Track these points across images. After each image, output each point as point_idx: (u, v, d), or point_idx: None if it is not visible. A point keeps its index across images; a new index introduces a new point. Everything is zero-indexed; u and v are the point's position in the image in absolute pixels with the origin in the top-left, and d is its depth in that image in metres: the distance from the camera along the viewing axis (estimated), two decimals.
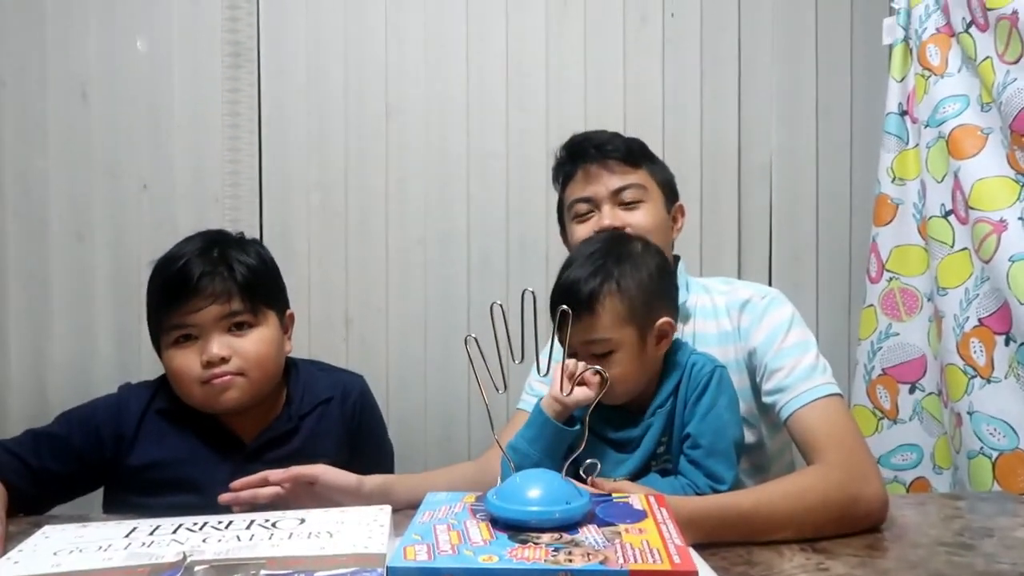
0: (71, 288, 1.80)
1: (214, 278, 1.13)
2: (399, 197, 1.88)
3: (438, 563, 0.56)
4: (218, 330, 1.13)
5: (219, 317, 1.13)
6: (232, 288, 1.14)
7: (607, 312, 1.01)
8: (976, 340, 1.49)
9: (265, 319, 1.18)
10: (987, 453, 1.43)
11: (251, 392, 1.16)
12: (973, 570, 0.84)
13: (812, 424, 1.05)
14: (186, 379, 1.14)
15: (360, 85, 1.87)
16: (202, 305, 1.12)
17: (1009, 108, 1.44)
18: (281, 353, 1.21)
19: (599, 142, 1.27)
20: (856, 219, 2.00)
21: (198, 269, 1.13)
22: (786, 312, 1.18)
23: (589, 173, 1.27)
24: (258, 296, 1.17)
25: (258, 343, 1.16)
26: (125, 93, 1.81)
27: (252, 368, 1.15)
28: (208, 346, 1.12)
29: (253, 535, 0.81)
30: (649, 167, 1.29)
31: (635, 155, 1.27)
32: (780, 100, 1.99)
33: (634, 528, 0.63)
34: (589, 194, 1.26)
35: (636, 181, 1.25)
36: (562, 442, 1.01)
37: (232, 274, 1.14)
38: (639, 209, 1.24)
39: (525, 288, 0.68)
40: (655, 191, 1.28)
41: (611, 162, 1.25)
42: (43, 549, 0.78)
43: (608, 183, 1.25)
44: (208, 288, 1.12)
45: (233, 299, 1.14)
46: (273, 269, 1.24)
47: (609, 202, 1.25)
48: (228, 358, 1.13)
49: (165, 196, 1.82)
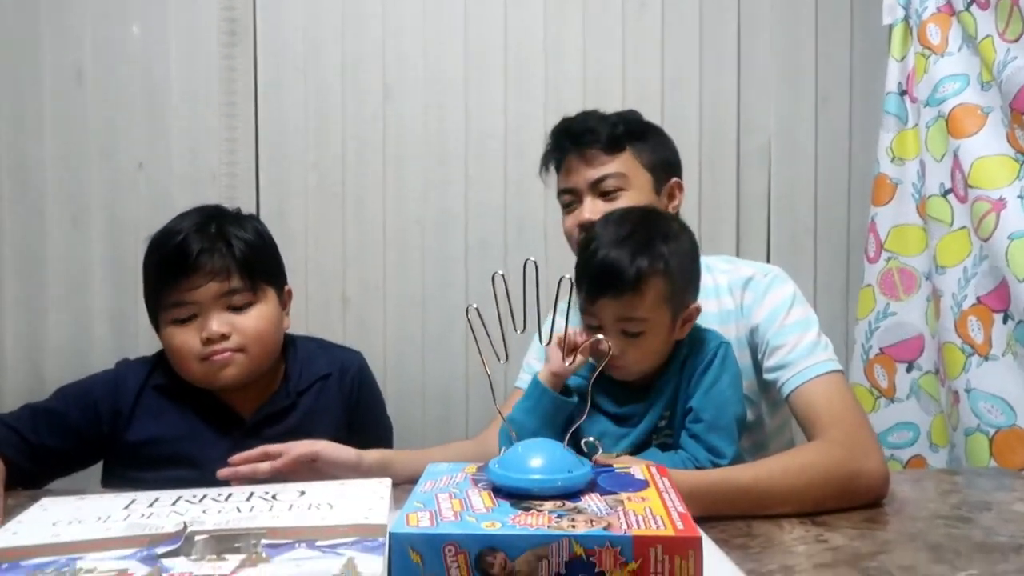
0: (67, 270, 1.79)
1: (213, 255, 1.12)
2: (397, 177, 1.87)
3: (441, 529, 0.56)
4: (217, 307, 1.13)
5: (218, 295, 1.12)
6: (231, 265, 1.13)
7: (651, 292, 1.00)
8: (974, 318, 1.49)
9: (264, 295, 1.18)
10: (984, 430, 1.44)
11: (250, 368, 1.15)
12: (971, 542, 0.84)
13: (813, 400, 1.06)
14: (185, 356, 1.13)
15: (357, 65, 1.85)
16: (201, 283, 1.11)
17: (1009, 86, 1.43)
18: (280, 329, 1.21)
19: (576, 132, 1.26)
20: (854, 199, 1.99)
21: (196, 246, 1.12)
22: (788, 290, 1.18)
23: (569, 165, 1.27)
24: (257, 273, 1.16)
25: (257, 320, 1.15)
26: (120, 74, 1.80)
27: (252, 344, 1.14)
28: (208, 323, 1.12)
29: (253, 507, 0.81)
30: (636, 148, 1.26)
31: (618, 140, 1.24)
32: (779, 80, 1.98)
33: (636, 496, 0.63)
34: (570, 185, 1.27)
35: (614, 170, 1.23)
36: (559, 413, 1.01)
37: (231, 250, 1.14)
38: (619, 199, 1.23)
39: (527, 258, 0.67)
40: (639, 175, 1.25)
41: (589, 153, 1.24)
42: (41, 520, 0.78)
43: (586, 175, 1.24)
44: (207, 265, 1.12)
45: (232, 276, 1.13)
46: (271, 245, 1.23)
47: (589, 193, 1.24)
48: (228, 335, 1.12)
49: (161, 177, 1.81)
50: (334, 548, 0.67)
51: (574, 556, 0.54)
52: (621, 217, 1.09)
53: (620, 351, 1.00)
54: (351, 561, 0.64)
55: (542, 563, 0.54)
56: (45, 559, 0.67)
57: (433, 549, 0.55)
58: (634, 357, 1.02)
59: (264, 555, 0.66)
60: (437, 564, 0.55)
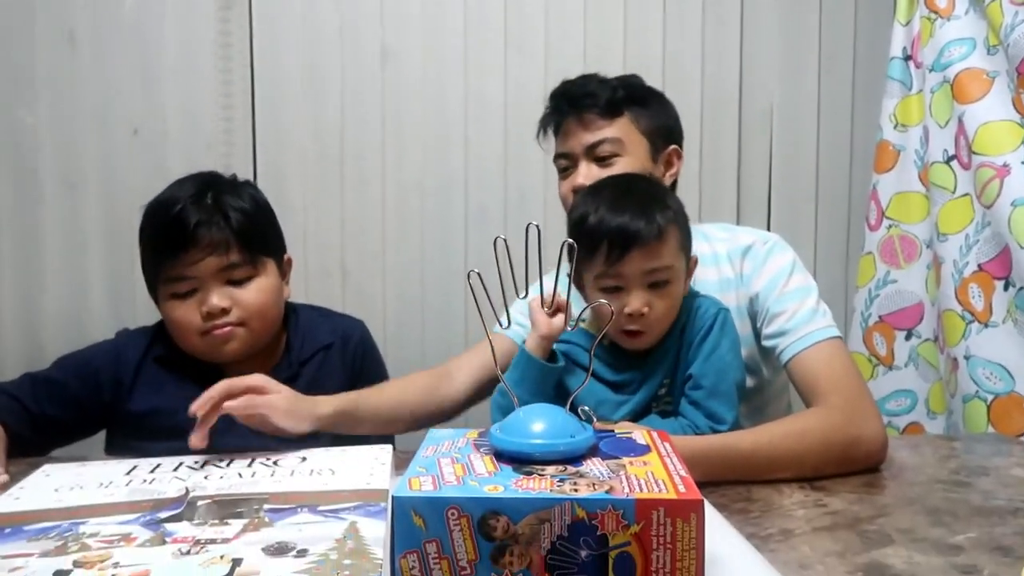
0: (63, 237, 1.78)
1: (211, 227, 1.10)
2: (395, 143, 1.85)
3: (444, 492, 0.56)
4: (217, 281, 1.12)
5: (217, 269, 1.11)
6: (229, 238, 1.11)
7: (672, 238, 1.01)
8: (975, 285, 1.49)
9: (264, 267, 1.16)
10: (983, 397, 1.44)
11: (252, 342, 1.15)
12: (970, 506, 0.85)
13: (813, 367, 1.06)
14: (186, 331, 1.13)
15: (355, 27, 1.83)
16: (199, 257, 1.10)
17: (1016, 50, 1.41)
18: (281, 300, 1.20)
19: (575, 95, 1.24)
20: (856, 166, 1.98)
21: (194, 218, 1.10)
22: (787, 257, 1.18)
23: (567, 127, 1.25)
24: (255, 244, 1.15)
25: (258, 293, 1.14)
26: (114, 37, 1.77)
27: (253, 318, 1.14)
28: (208, 298, 1.11)
29: (255, 472, 0.82)
30: (634, 114, 1.24)
31: (616, 104, 1.23)
32: (782, 46, 1.95)
33: (638, 461, 0.63)
34: (566, 150, 1.26)
35: (611, 135, 1.22)
36: (547, 380, 1.01)
37: (228, 223, 1.12)
38: (614, 164, 1.22)
39: (529, 222, 0.66)
40: (636, 141, 1.24)
41: (586, 117, 1.23)
42: (44, 486, 0.78)
43: (582, 139, 1.23)
44: (205, 238, 1.10)
45: (231, 250, 1.12)
46: (268, 212, 1.21)
47: (584, 158, 1.23)
48: (229, 309, 1.12)
49: (157, 142, 1.79)
50: (336, 513, 0.68)
51: (576, 519, 0.54)
52: (613, 182, 1.08)
53: (648, 306, 1.00)
54: (353, 525, 0.65)
55: (545, 526, 0.54)
56: (48, 524, 0.67)
57: (436, 512, 0.55)
58: (662, 309, 1.01)
59: (267, 519, 0.67)
60: (440, 527, 0.55)
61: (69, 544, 0.63)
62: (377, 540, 0.61)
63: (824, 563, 0.70)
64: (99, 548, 0.62)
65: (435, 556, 0.55)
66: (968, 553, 0.72)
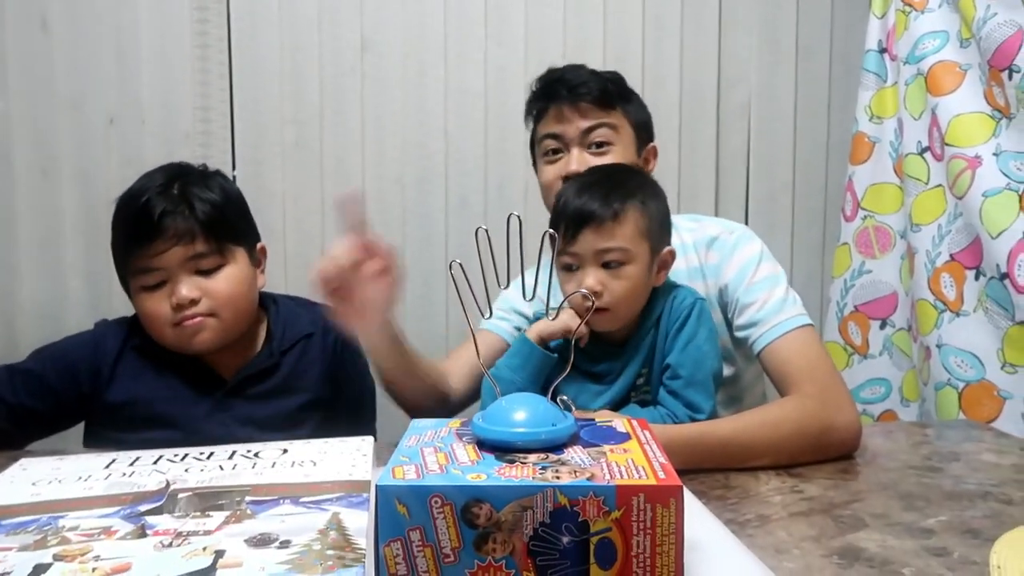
0: (38, 225, 1.75)
1: (175, 218, 1.09)
2: (376, 134, 1.85)
3: (427, 481, 0.56)
4: (184, 271, 1.11)
5: (184, 259, 1.10)
6: (195, 228, 1.10)
7: (631, 222, 1.02)
8: (947, 275, 1.51)
9: (233, 256, 1.15)
10: (954, 384, 1.47)
11: (224, 332, 1.14)
12: (941, 490, 0.87)
13: (786, 356, 1.07)
14: (158, 323, 1.12)
15: (334, 16, 1.81)
16: (165, 247, 1.09)
17: (988, 43, 1.44)
18: (253, 289, 1.19)
19: (572, 84, 1.24)
20: (832, 158, 2.00)
21: (159, 208, 1.08)
22: (755, 247, 1.19)
23: (561, 112, 1.24)
24: (223, 234, 1.13)
25: (227, 282, 1.13)
26: (88, 22, 1.74)
27: (223, 308, 1.13)
28: (176, 288, 1.10)
29: (236, 464, 0.81)
30: (624, 107, 1.26)
31: (610, 96, 1.24)
32: (760, 38, 1.97)
33: (619, 448, 0.64)
34: (558, 131, 1.24)
35: (608, 121, 1.23)
36: (545, 368, 1.03)
37: (193, 213, 1.10)
38: (608, 153, 1.22)
39: (511, 213, 0.66)
40: (627, 133, 1.25)
41: (583, 105, 1.23)
42: (21, 480, 0.77)
43: (578, 123, 1.23)
44: (170, 229, 1.08)
45: (197, 240, 1.10)
46: (238, 202, 1.20)
47: (578, 145, 1.23)
48: (198, 300, 1.10)
49: (133, 131, 1.76)
50: (319, 504, 0.68)
51: (558, 506, 0.55)
52: (595, 170, 1.12)
53: (602, 286, 1.00)
54: (336, 516, 0.65)
55: (527, 513, 0.55)
56: (27, 518, 0.66)
57: (419, 501, 0.55)
58: (618, 290, 1.01)
59: (249, 511, 0.66)
60: (423, 515, 0.55)
61: (48, 538, 0.63)
62: (360, 530, 0.61)
63: (800, 547, 0.72)
64: (79, 542, 0.62)
65: (419, 544, 0.55)
66: (939, 536, 0.74)
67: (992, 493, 0.85)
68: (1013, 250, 1.37)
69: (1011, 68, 1.38)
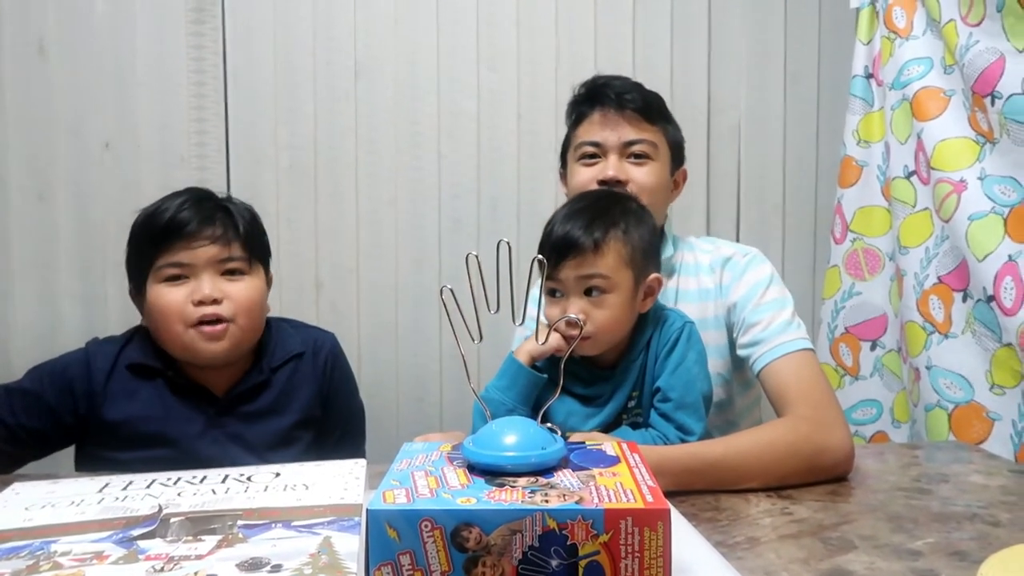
0: (33, 250, 1.76)
1: (214, 222, 1.14)
2: (369, 157, 1.86)
3: (417, 505, 0.57)
4: (211, 271, 1.13)
5: (216, 259, 1.13)
6: (232, 234, 1.15)
7: (612, 252, 1.02)
8: (935, 297, 1.53)
9: (256, 271, 1.19)
10: (944, 406, 1.48)
11: (238, 343, 1.15)
12: (929, 512, 0.87)
13: (783, 377, 1.08)
14: (172, 317, 1.12)
15: (328, 42, 1.84)
16: (202, 243, 1.12)
17: (971, 70, 1.46)
18: (266, 306, 1.22)
19: (620, 90, 1.24)
20: (822, 181, 2.03)
21: (200, 213, 1.13)
22: (766, 270, 1.21)
23: (606, 118, 1.24)
24: (254, 245, 1.18)
25: (249, 290, 1.16)
26: (85, 48, 1.76)
27: (241, 314, 1.14)
28: (200, 286, 1.12)
29: (228, 488, 0.81)
30: (663, 126, 1.27)
31: (652, 111, 1.25)
32: (749, 63, 2.00)
33: (608, 472, 0.64)
34: (600, 139, 1.24)
35: (649, 137, 1.24)
36: (534, 390, 1.04)
37: (232, 220, 1.16)
38: (645, 166, 1.23)
39: (500, 239, 0.68)
40: (664, 151, 1.26)
41: (628, 112, 1.23)
42: (13, 505, 0.77)
43: (622, 133, 1.23)
44: (208, 230, 1.13)
45: (233, 244, 1.15)
46: (263, 228, 1.24)
47: (617, 152, 1.23)
48: (220, 300, 1.12)
49: (129, 156, 1.78)
50: (310, 528, 0.68)
51: (547, 529, 0.56)
52: (582, 196, 1.14)
53: (585, 314, 1.01)
54: (328, 540, 0.65)
55: (516, 536, 0.56)
56: (19, 543, 0.67)
57: (410, 525, 0.56)
58: (600, 318, 1.02)
59: (241, 535, 0.67)
60: (414, 539, 0.56)
61: (41, 563, 0.63)
62: (351, 554, 0.62)
63: (788, 569, 0.72)
64: (71, 566, 0.62)
65: (409, 568, 0.56)
66: (927, 558, 0.74)
67: (980, 515, 0.86)
68: (999, 273, 1.39)
69: (993, 94, 1.41)
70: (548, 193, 1.85)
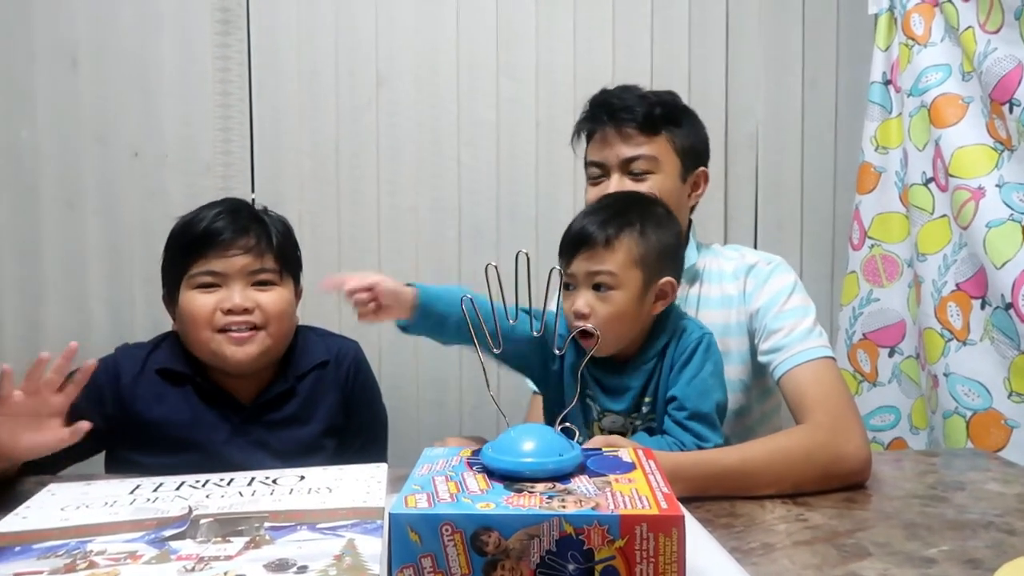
0: (63, 257, 1.80)
1: (249, 233, 1.18)
2: (390, 165, 1.89)
3: (438, 509, 0.59)
4: (243, 281, 1.16)
5: (249, 270, 1.17)
6: (264, 245, 1.18)
7: (622, 250, 1.03)
8: (953, 304, 1.53)
9: (286, 282, 1.22)
10: (962, 413, 1.48)
11: (267, 349, 1.18)
12: (944, 520, 0.88)
13: (803, 384, 1.09)
14: (201, 322, 1.15)
15: (351, 52, 1.86)
16: (236, 252, 1.16)
17: (989, 77, 1.46)
18: (295, 317, 1.25)
19: (617, 107, 1.24)
20: (840, 187, 2.02)
21: (235, 223, 1.17)
22: (789, 278, 1.22)
23: (604, 138, 1.25)
24: (286, 257, 1.22)
25: (279, 299, 1.19)
26: (115, 60, 1.80)
27: (272, 322, 1.17)
28: (231, 295, 1.15)
29: (255, 491, 0.83)
30: (670, 133, 1.25)
31: (654, 122, 1.23)
32: (767, 69, 2.00)
33: (624, 478, 0.66)
34: (600, 159, 1.26)
35: (647, 152, 1.23)
36: None
37: (266, 231, 1.19)
38: (647, 180, 1.23)
39: (519, 250, 0.70)
40: (670, 161, 1.25)
41: (624, 130, 1.23)
42: (50, 505, 0.80)
43: (619, 151, 1.23)
44: (242, 240, 1.17)
45: (266, 255, 1.18)
46: (295, 241, 1.28)
47: (619, 170, 1.24)
48: (251, 309, 1.15)
49: (156, 164, 1.82)
50: (334, 530, 0.70)
51: (564, 534, 0.57)
52: (603, 196, 1.16)
53: (589, 308, 1.03)
54: (351, 542, 0.67)
55: (534, 541, 0.57)
56: (56, 542, 0.69)
57: (431, 528, 0.58)
58: (603, 313, 1.02)
59: (268, 537, 0.69)
60: (435, 543, 0.58)
61: (77, 562, 0.65)
62: (374, 556, 0.64)
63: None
64: (107, 565, 0.64)
65: (430, 570, 0.58)
66: (940, 566, 0.75)
67: (995, 523, 0.86)
68: (1017, 280, 1.39)
69: (1011, 102, 1.40)
70: (566, 201, 1.87)
